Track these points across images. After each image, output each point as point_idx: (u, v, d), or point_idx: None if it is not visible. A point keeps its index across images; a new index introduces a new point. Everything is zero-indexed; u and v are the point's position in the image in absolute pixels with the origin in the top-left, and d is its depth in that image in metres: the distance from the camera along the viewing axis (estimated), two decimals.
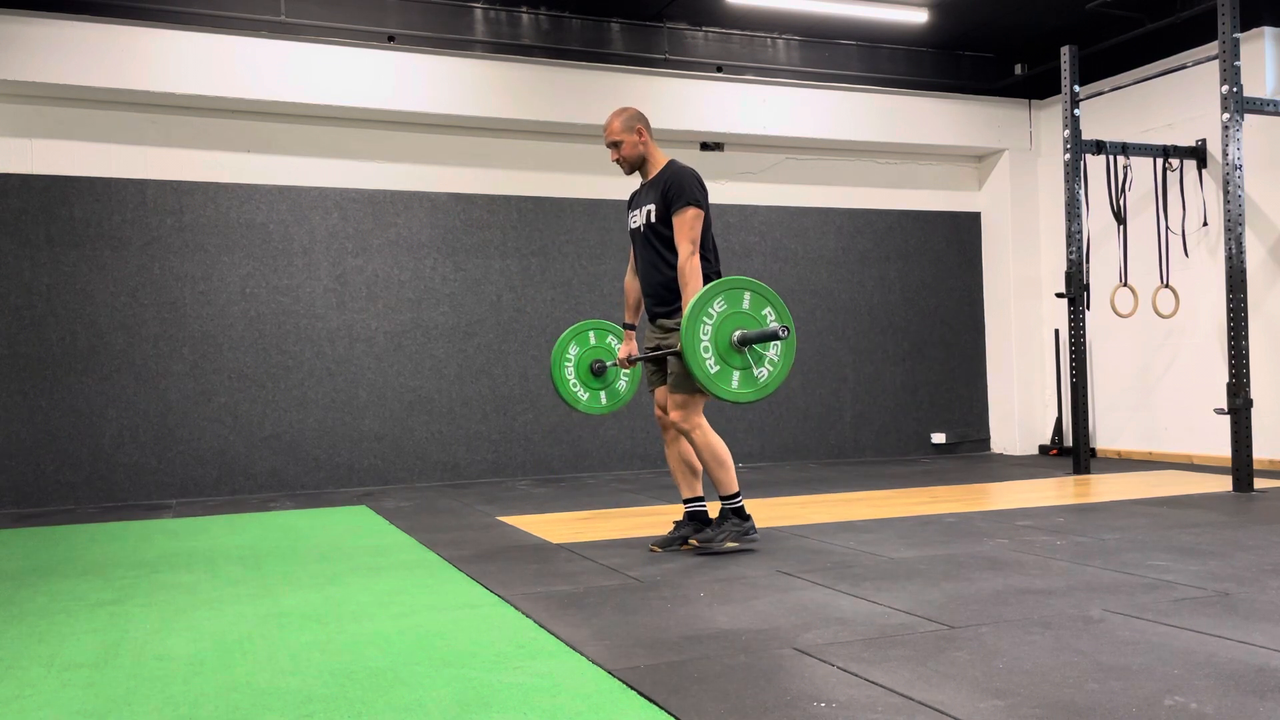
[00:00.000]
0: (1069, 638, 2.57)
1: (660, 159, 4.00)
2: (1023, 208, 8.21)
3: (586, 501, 5.71)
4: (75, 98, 6.12)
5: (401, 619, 2.97)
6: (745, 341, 3.49)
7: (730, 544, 3.93)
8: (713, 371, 3.48)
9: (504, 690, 2.26)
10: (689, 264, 3.76)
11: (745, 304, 3.53)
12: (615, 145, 3.98)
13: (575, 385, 4.47)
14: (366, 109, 6.56)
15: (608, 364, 4.48)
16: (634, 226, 4.04)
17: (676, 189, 3.84)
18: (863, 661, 2.40)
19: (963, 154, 8.33)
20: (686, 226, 3.80)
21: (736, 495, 3.92)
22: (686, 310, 3.47)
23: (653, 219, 3.91)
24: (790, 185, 7.89)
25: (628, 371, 4.51)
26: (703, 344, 3.44)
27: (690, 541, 3.95)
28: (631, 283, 4.19)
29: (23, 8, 5.81)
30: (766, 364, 3.56)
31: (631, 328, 4.25)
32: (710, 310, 3.47)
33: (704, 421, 3.88)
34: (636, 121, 3.96)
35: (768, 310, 3.57)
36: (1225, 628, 2.63)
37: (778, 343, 3.57)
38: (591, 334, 4.51)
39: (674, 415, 3.86)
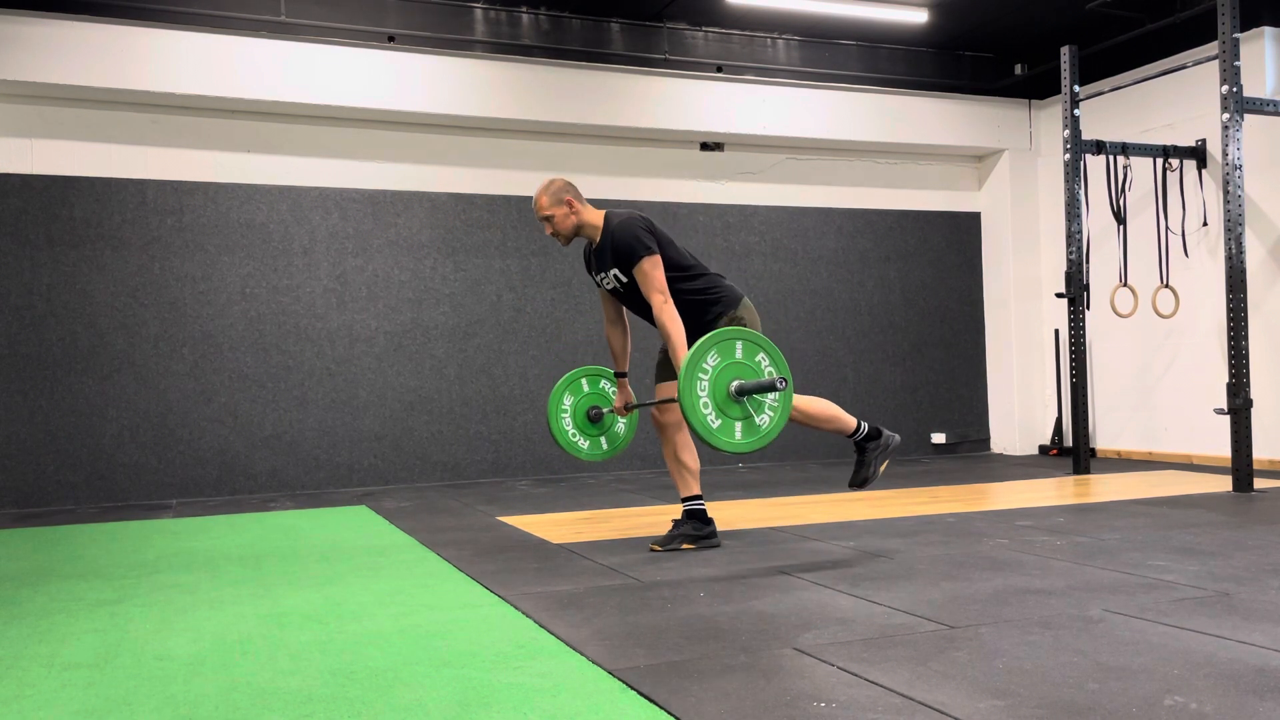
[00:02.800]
0: (1069, 638, 2.57)
1: (596, 219, 3.95)
2: (1023, 208, 8.21)
3: (586, 501, 5.71)
4: (75, 98, 6.12)
5: (401, 619, 2.97)
6: (743, 392, 3.47)
7: (884, 465, 4.02)
8: (714, 426, 3.46)
9: (504, 690, 2.26)
10: (663, 313, 3.75)
11: (738, 353, 3.51)
12: (547, 220, 3.95)
13: (575, 435, 4.48)
14: (366, 109, 6.56)
15: (604, 410, 4.48)
16: (609, 287, 4.02)
17: (625, 251, 3.82)
18: (863, 661, 2.40)
19: (963, 154, 8.33)
20: (647, 280, 3.79)
21: (859, 427, 3.98)
22: (681, 369, 3.45)
23: (622, 280, 3.91)
24: (790, 185, 7.90)
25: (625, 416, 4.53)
26: (701, 400, 3.43)
27: (851, 487, 4.03)
28: (612, 332, 4.18)
29: (23, 8, 5.81)
30: (767, 410, 3.54)
31: (623, 375, 4.25)
32: (704, 366, 3.45)
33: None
34: (565, 193, 3.93)
35: (761, 356, 3.54)
36: (1225, 628, 2.63)
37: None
38: (584, 381, 4.49)
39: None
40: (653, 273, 3.79)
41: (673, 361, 3.75)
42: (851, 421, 3.97)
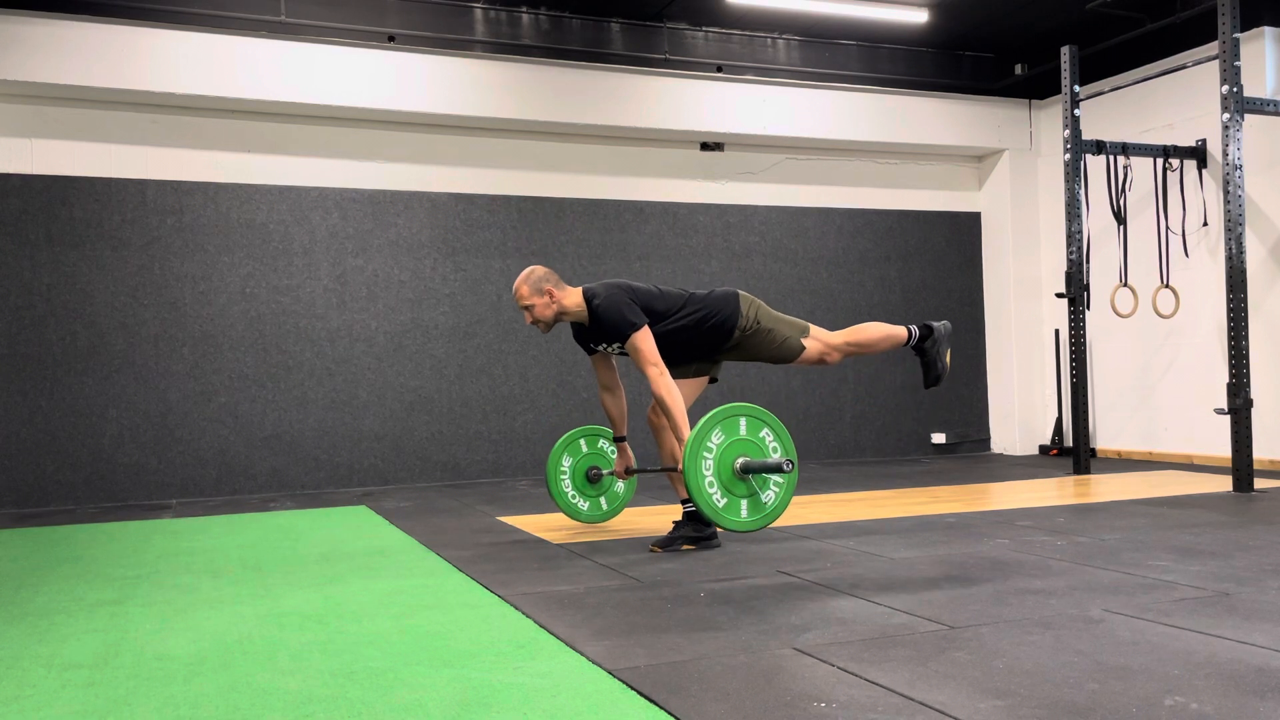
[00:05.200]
0: (1069, 638, 2.57)
1: (578, 302, 3.96)
2: (1023, 208, 8.21)
3: None
4: (75, 98, 6.12)
5: (401, 619, 2.97)
6: (748, 470, 3.46)
7: (948, 355, 4.11)
8: (720, 505, 3.45)
9: (504, 690, 2.26)
10: (659, 386, 3.76)
11: (742, 430, 3.50)
12: (528, 309, 3.96)
13: (574, 497, 4.50)
14: (366, 109, 6.56)
15: (604, 472, 4.48)
16: (616, 354, 4.06)
17: (613, 329, 3.85)
18: (863, 661, 2.40)
19: (963, 154, 8.33)
20: (639, 355, 3.82)
21: (910, 334, 4.04)
22: (685, 450, 3.45)
23: (621, 349, 3.94)
24: (790, 185, 7.89)
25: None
26: (706, 479, 3.42)
27: (927, 387, 4.12)
28: (608, 399, 4.20)
29: (23, 8, 5.82)
30: (772, 487, 3.53)
31: (623, 439, 4.26)
32: (709, 444, 3.44)
33: (833, 338, 4.00)
34: (544, 282, 3.94)
35: (765, 432, 3.54)
36: (1225, 628, 2.63)
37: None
38: (582, 442, 4.52)
39: (829, 361, 4.00)
40: (643, 346, 3.80)
41: (674, 434, 3.77)
42: (902, 332, 4.03)
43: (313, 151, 6.71)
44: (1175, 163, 6.85)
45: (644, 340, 3.81)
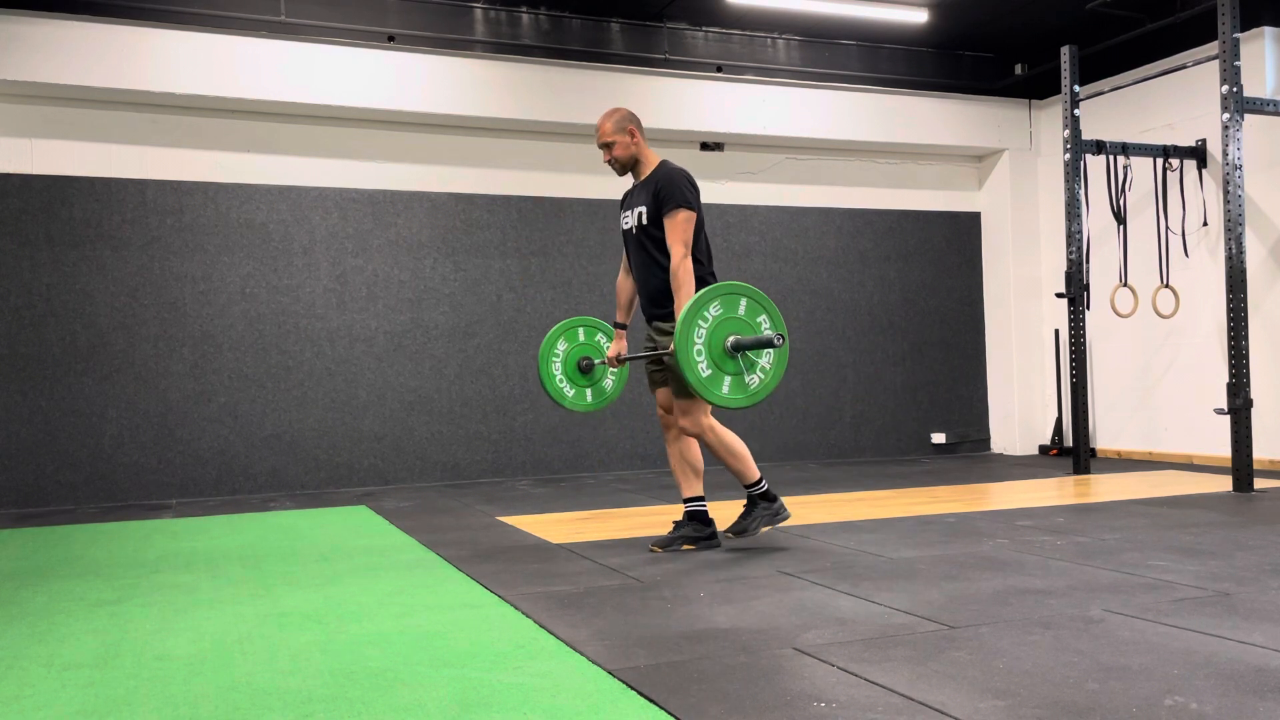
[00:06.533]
0: (1069, 638, 2.57)
1: (652, 159, 4.00)
2: (1023, 208, 8.21)
3: (586, 501, 5.71)
4: (75, 98, 6.12)
5: (401, 619, 2.97)
6: (739, 348, 3.48)
7: (764, 528, 4.05)
8: (705, 376, 3.48)
9: (504, 690, 2.26)
10: (681, 267, 3.76)
11: (741, 310, 3.53)
12: (607, 146, 3.96)
13: (562, 381, 4.48)
14: (366, 109, 6.56)
15: (596, 362, 4.48)
16: (626, 227, 4.03)
17: (667, 191, 3.84)
18: (863, 661, 2.40)
19: (963, 154, 8.33)
20: (678, 229, 3.80)
21: (759, 481, 4.01)
22: (682, 313, 3.47)
23: (644, 220, 3.91)
24: (790, 185, 7.89)
25: (615, 370, 4.52)
26: (696, 347, 3.44)
27: (726, 532, 4.04)
28: (624, 282, 4.19)
29: (23, 8, 5.81)
30: (758, 371, 3.55)
31: (623, 327, 4.24)
32: (706, 314, 3.46)
33: (713, 422, 3.92)
34: (628, 122, 3.95)
35: (763, 318, 3.56)
36: (1225, 628, 2.63)
37: (770, 350, 3.57)
38: (581, 330, 4.50)
39: (682, 422, 3.88)
40: (685, 225, 3.81)
41: (676, 311, 3.74)
42: (755, 474, 4.01)
43: (313, 151, 6.71)
44: (1175, 163, 6.85)
45: (688, 221, 3.82)
